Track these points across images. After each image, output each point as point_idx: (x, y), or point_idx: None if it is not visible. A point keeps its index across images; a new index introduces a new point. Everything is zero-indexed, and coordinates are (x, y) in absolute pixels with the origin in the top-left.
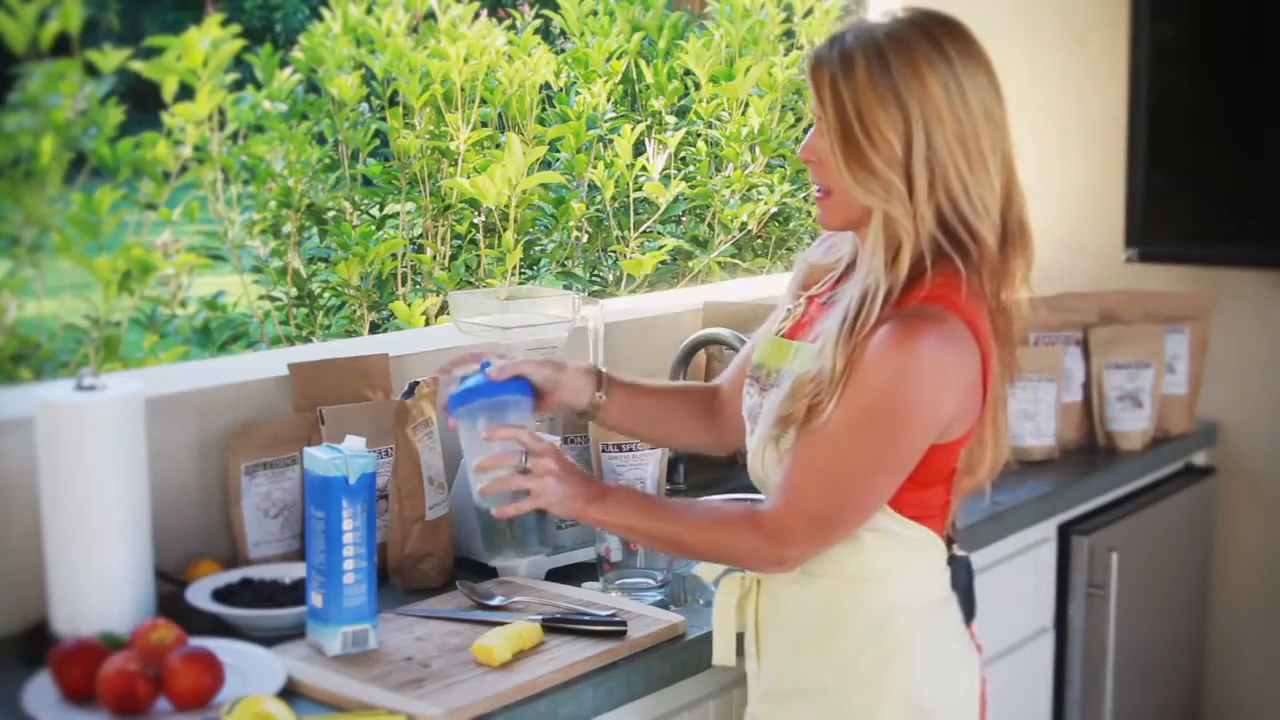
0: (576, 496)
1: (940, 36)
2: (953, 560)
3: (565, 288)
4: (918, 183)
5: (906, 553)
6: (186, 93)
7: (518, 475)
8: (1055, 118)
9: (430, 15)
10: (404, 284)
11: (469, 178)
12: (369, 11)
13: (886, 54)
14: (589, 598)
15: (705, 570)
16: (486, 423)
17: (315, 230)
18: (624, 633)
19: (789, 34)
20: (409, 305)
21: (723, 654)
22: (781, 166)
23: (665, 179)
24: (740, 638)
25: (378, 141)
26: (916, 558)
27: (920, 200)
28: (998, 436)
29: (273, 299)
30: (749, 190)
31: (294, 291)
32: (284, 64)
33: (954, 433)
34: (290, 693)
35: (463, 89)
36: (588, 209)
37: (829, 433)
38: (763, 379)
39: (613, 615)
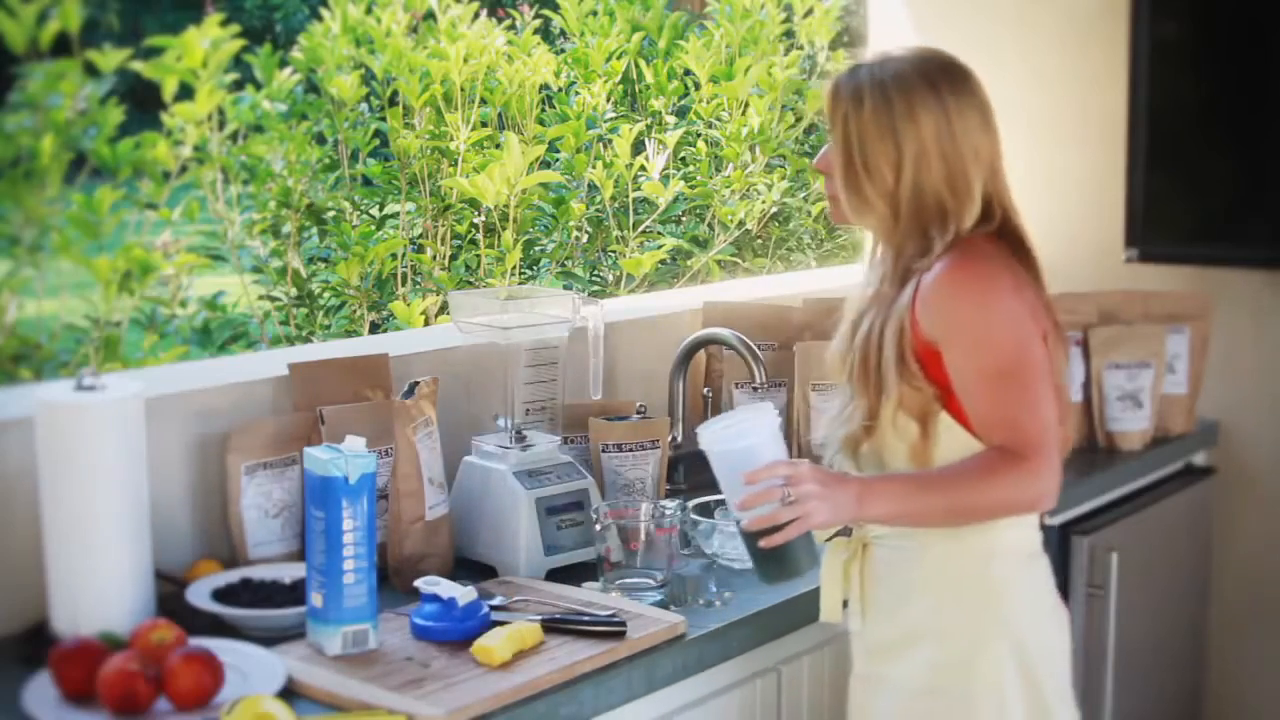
0: (843, 507)
1: (938, 80)
2: (1043, 526)
3: (565, 288)
4: (903, 205)
5: None
6: (186, 93)
7: (783, 508)
8: (1055, 118)
9: (430, 15)
10: (404, 284)
11: (468, 177)
12: (369, 11)
13: (890, 95)
14: (589, 598)
15: (819, 531)
16: (740, 468)
17: (315, 230)
18: (624, 633)
19: (789, 34)
20: (408, 305)
21: (829, 610)
22: (781, 166)
23: (665, 179)
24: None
25: (377, 141)
26: None
27: (903, 217)
28: (1062, 392)
29: (273, 299)
30: (748, 190)
31: (294, 291)
32: (283, 64)
33: None
34: (290, 693)
35: (462, 89)
36: (587, 209)
37: (974, 378)
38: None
39: (613, 615)
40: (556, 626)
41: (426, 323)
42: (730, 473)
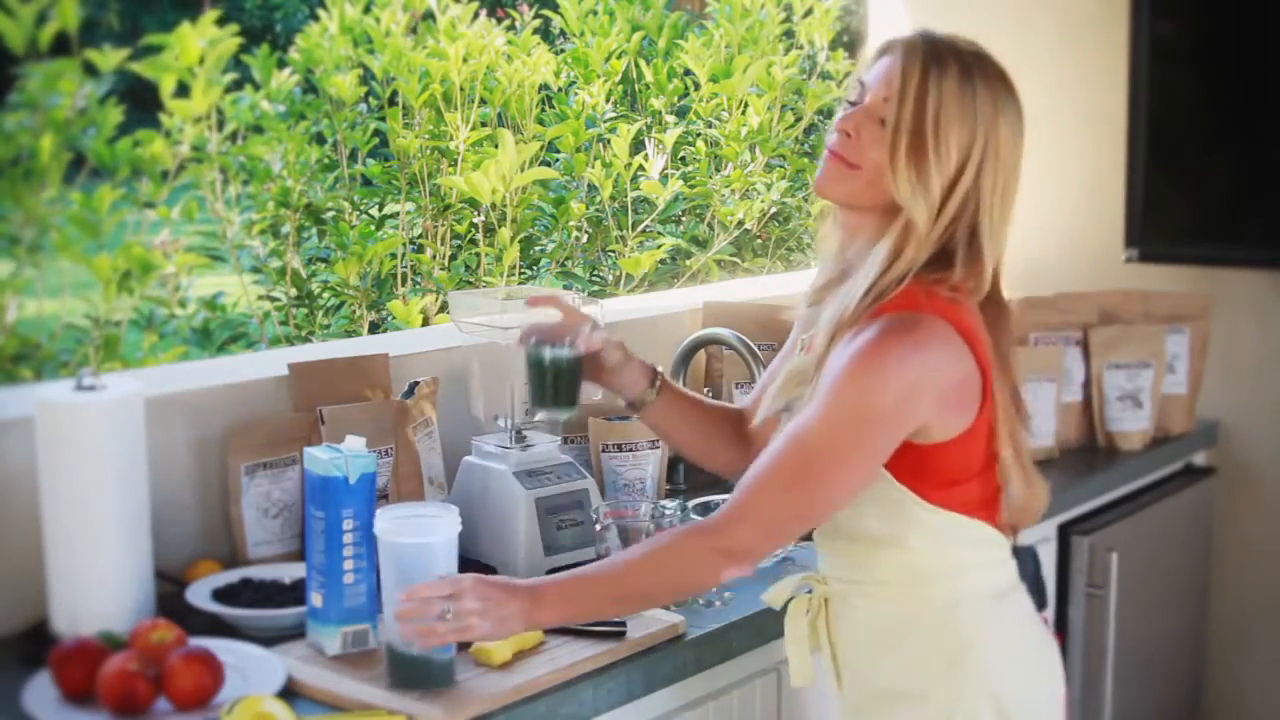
0: (511, 619)
1: (1011, 86)
2: (1017, 551)
3: (565, 288)
4: (950, 204)
5: (958, 548)
6: (185, 93)
7: (441, 624)
8: (1055, 118)
9: (429, 15)
10: (403, 284)
11: (463, 175)
12: (367, 11)
13: (974, 75)
14: None
15: (772, 595)
16: (409, 566)
17: (314, 230)
18: (624, 633)
19: (789, 33)
20: (406, 304)
21: (800, 675)
22: (781, 166)
23: (664, 178)
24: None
25: (376, 141)
26: (970, 551)
27: (944, 218)
28: (1024, 469)
29: (272, 299)
30: (748, 190)
31: (293, 291)
32: (282, 64)
33: (951, 430)
34: (290, 693)
35: (462, 89)
36: (587, 209)
37: (793, 432)
38: (795, 405)
39: None
40: (556, 626)
41: (425, 321)
42: (396, 569)
